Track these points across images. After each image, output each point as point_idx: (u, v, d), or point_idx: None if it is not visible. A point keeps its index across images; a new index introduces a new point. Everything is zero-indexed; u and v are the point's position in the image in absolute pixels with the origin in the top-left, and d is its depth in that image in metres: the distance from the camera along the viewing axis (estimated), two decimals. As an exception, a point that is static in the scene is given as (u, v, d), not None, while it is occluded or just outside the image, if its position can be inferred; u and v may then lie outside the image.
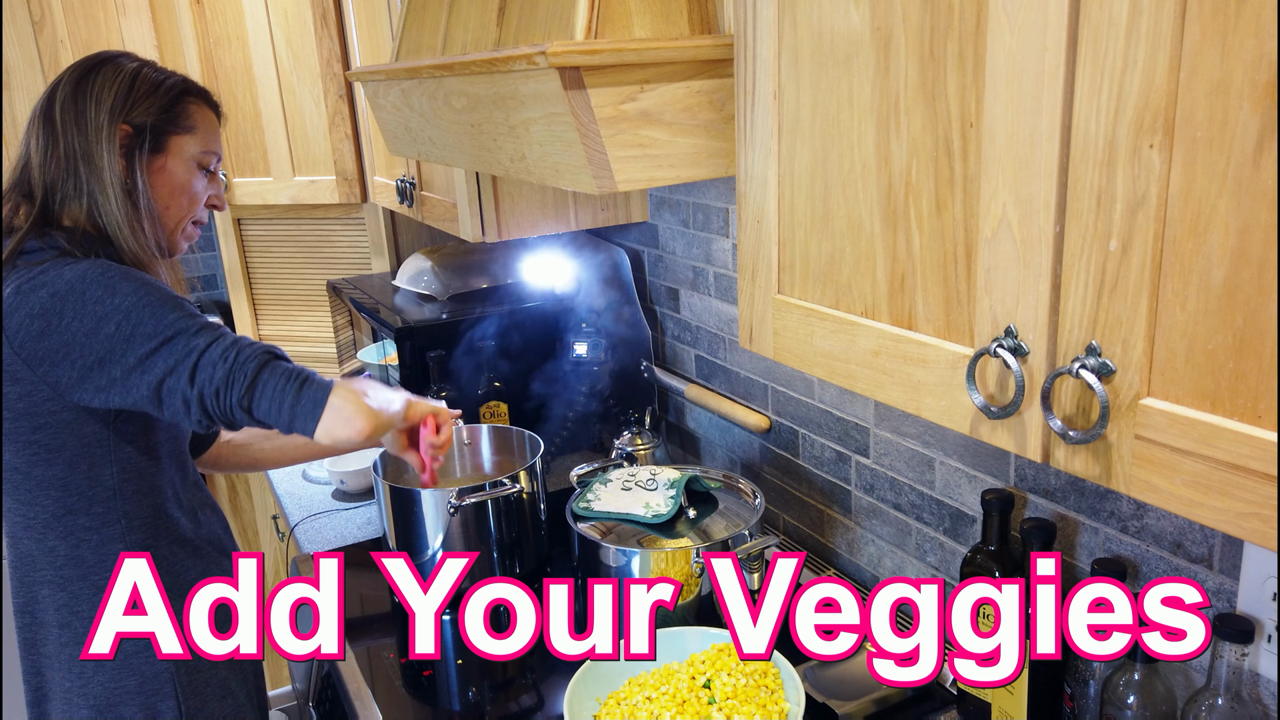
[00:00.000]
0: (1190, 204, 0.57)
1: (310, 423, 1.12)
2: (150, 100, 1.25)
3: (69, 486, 1.20)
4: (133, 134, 1.23)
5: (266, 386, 1.11)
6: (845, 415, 1.50)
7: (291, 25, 2.38)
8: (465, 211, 1.74)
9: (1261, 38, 0.52)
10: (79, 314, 1.12)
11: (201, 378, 1.11)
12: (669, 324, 1.96)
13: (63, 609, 1.24)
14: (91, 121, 1.22)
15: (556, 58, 0.97)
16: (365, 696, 1.34)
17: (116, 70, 1.25)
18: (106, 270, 1.15)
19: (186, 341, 1.12)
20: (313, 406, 1.11)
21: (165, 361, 1.11)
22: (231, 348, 1.12)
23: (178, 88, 1.29)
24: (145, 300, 1.13)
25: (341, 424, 1.12)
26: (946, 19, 0.72)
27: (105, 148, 1.21)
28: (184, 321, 1.13)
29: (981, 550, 1.15)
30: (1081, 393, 0.66)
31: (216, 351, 1.12)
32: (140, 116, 1.24)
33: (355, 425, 1.12)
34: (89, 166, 1.21)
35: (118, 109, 1.23)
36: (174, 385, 1.12)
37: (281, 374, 1.12)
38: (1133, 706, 0.95)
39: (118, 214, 1.21)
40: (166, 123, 1.26)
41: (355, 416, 1.12)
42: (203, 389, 1.11)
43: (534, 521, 1.62)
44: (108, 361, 1.12)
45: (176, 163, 1.28)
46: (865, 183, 0.84)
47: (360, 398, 1.15)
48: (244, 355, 1.12)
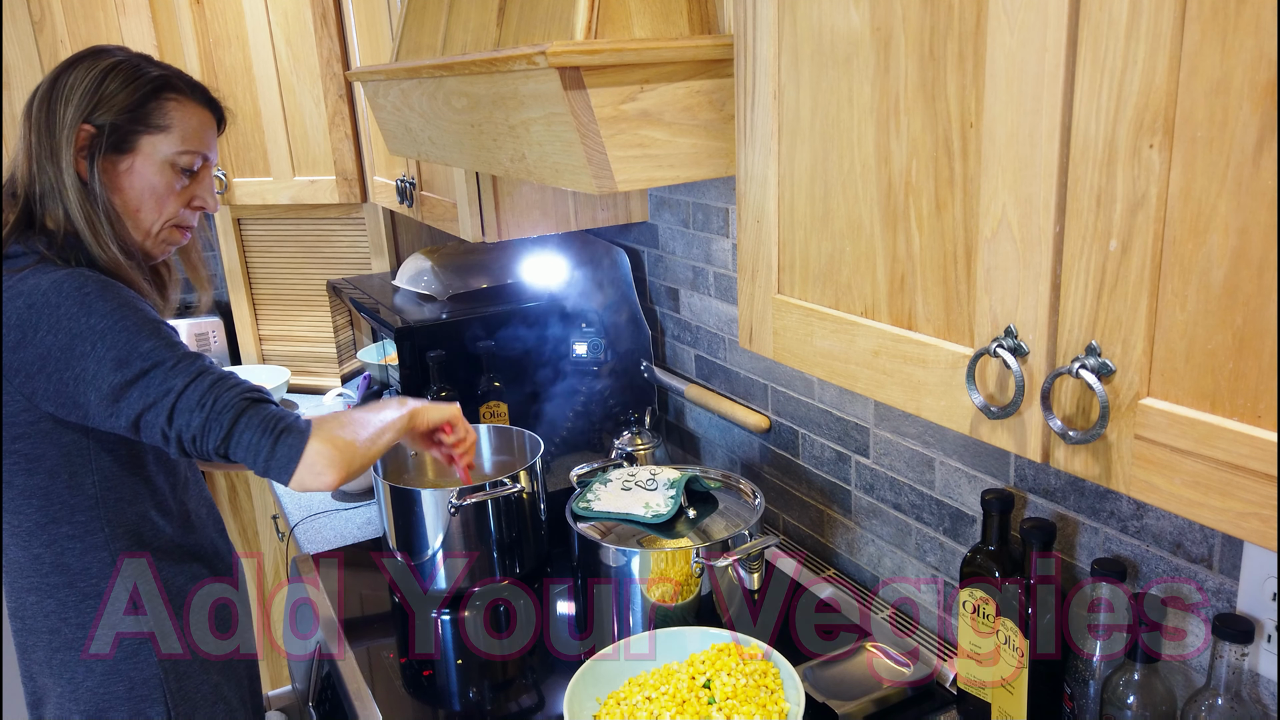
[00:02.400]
0: (1190, 204, 0.57)
1: (285, 475, 1.14)
2: (119, 98, 1.20)
3: (51, 495, 1.20)
4: (94, 134, 1.19)
5: (242, 437, 1.12)
6: (845, 415, 1.50)
7: (291, 25, 2.38)
8: (465, 211, 1.74)
9: (1261, 38, 0.52)
10: (53, 328, 1.11)
11: (179, 421, 1.11)
12: (669, 324, 1.96)
13: (50, 615, 1.24)
14: (59, 121, 1.18)
15: (556, 58, 0.97)
16: (365, 696, 1.34)
17: (91, 66, 1.20)
18: (83, 284, 1.12)
19: (164, 380, 1.11)
20: (287, 461, 1.13)
21: (143, 398, 1.11)
22: (209, 392, 1.12)
23: (153, 84, 1.22)
24: (120, 324, 1.11)
25: (313, 477, 1.14)
26: (946, 19, 0.72)
27: (66, 148, 1.18)
28: (160, 352, 1.12)
29: (981, 550, 1.15)
30: (1081, 393, 0.66)
31: (194, 396, 1.11)
32: (104, 116, 1.19)
33: (325, 478, 1.14)
34: (54, 166, 1.18)
35: (82, 107, 1.18)
36: (153, 420, 1.12)
37: (258, 425, 1.12)
38: (1133, 706, 0.95)
39: (79, 216, 1.18)
40: (134, 122, 1.21)
41: (327, 470, 1.14)
42: (180, 432, 1.12)
43: (534, 521, 1.62)
44: (82, 383, 1.11)
45: (146, 164, 1.22)
46: (865, 183, 0.84)
47: (334, 447, 1.15)
48: (220, 404, 1.11)
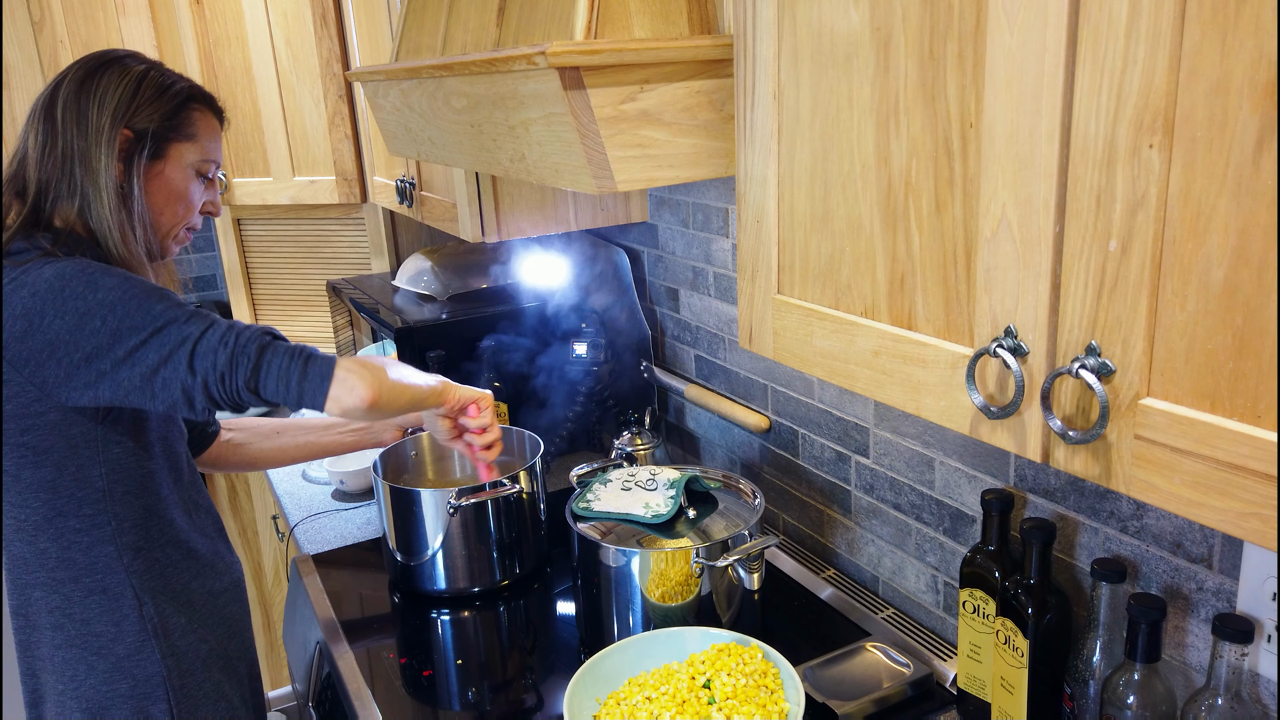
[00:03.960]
0: (1190, 204, 0.57)
1: (319, 396, 1.14)
2: (154, 106, 1.24)
3: (58, 488, 1.20)
4: (133, 139, 1.22)
5: (271, 366, 1.13)
6: (845, 415, 1.50)
7: (291, 25, 2.38)
8: (465, 211, 1.74)
9: (1261, 38, 0.52)
10: (60, 312, 1.11)
11: (203, 365, 1.11)
12: (669, 324, 1.96)
13: (55, 611, 1.24)
14: (93, 123, 1.20)
15: (556, 58, 0.97)
16: (365, 696, 1.33)
17: (123, 72, 1.23)
18: (86, 267, 1.14)
19: (179, 330, 1.12)
20: (319, 380, 1.13)
21: (158, 352, 1.11)
22: (229, 332, 1.13)
23: (183, 94, 1.28)
24: (129, 293, 1.13)
25: (347, 392, 1.14)
26: (946, 19, 0.72)
27: (104, 150, 1.20)
28: (172, 311, 1.13)
29: (981, 550, 1.15)
30: (1081, 393, 0.66)
31: (215, 337, 1.12)
32: (143, 122, 1.23)
33: (359, 393, 1.14)
34: (85, 168, 1.20)
35: (120, 112, 1.21)
36: (170, 375, 1.11)
37: (284, 352, 1.14)
38: (1133, 706, 0.95)
39: (109, 218, 1.20)
40: (169, 130, 1.25)
41: (359, 384, 1.14)
42: (205, 375, 1.11)
43: (534, 522, 1.62)
44: (95, 357, 1.12)
45: (175, 170, 1.27)
46: (865, 183, 0.84)
47: (363, 368, 1.16)
48: (244, 338, 1.13)
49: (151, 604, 1.26)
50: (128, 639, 1.25)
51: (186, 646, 1.29)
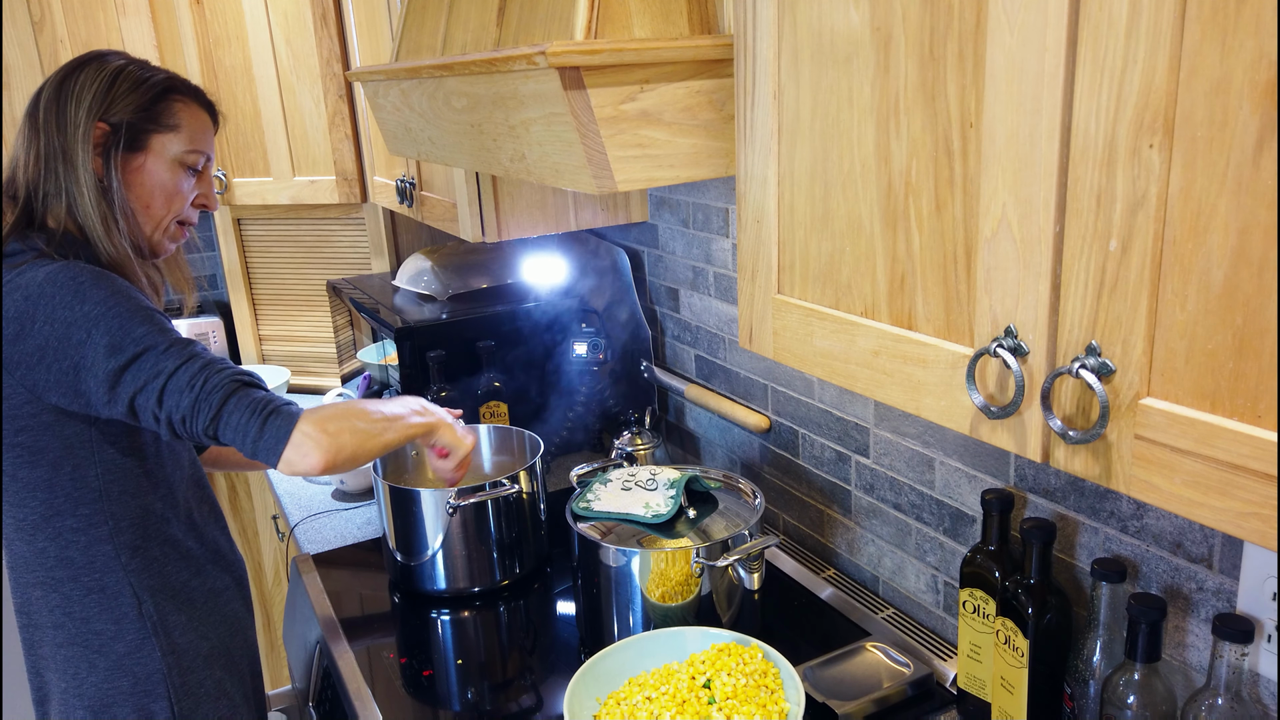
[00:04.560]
0: (1190, 204, 0.57)
1: (273, 457, 1.14)
2: (130, 98, 1.24)
3: (54, 488, 1.20)
4: (109, 132, 1.22)
5: (231, 418, 1.12)
6: (845, 415, 1.50)
7: (291, 25, 2.38)
8: (465, 211, 1.74)
9: (1261, 38, 0.52)
10: (49, 318, 1.12)
11: (169, 402, 1.12)
12: (669, 324, 1.96)
13: (55, 610, 1.24)
14: (70, 120, 1.21)
15: (556, 58, 0.97)
16: (365, 696, 1.34)
17: (100, 68, 1.24)
18: (77, 275, 1.14)
19: (155, 362, 1.12)
20: (274, 442, 1.13)
21: (135, 380, 1.12)
22: (199, 374, 1.12)
23: (161, 85, 1.27)
24: (114, 310, 1.13)
25: (301, 457, 1.13)
26: (946, 19, 0.72)
27: (81, 146, 1.20)
28: (152, 337, 1.13)
29: (981, 550, 1.15)
30: (1081, 393, 0.66)
31: (184, 377, 1.12)
32: (118, 114, 1.23)
33: (311, 460, 1.13)
34: (67, 165, 1.20)
35: (95, 107, 1.21)
36: (144, 403, 1.12)
37: (247, 406, 1.13)
38: (1133, 706, 0.95)
39: (93, 213, 1.20)
40: (146, 121, 1.25)
41: (314, 450, 1.13)
42: (170, 413, 1.12)
43: (534, 522, 1.62)
44: (80, 371, 1.12)
45: (157, 162, 1.27)
46: (865, 183, 0.84)
47: (325, 426, 1.15)
48: (211, 384, 1.12)
49: (150, 602, 1.26)
50: (128, 637, 1.25)
51: (187, 644, 1.30)
